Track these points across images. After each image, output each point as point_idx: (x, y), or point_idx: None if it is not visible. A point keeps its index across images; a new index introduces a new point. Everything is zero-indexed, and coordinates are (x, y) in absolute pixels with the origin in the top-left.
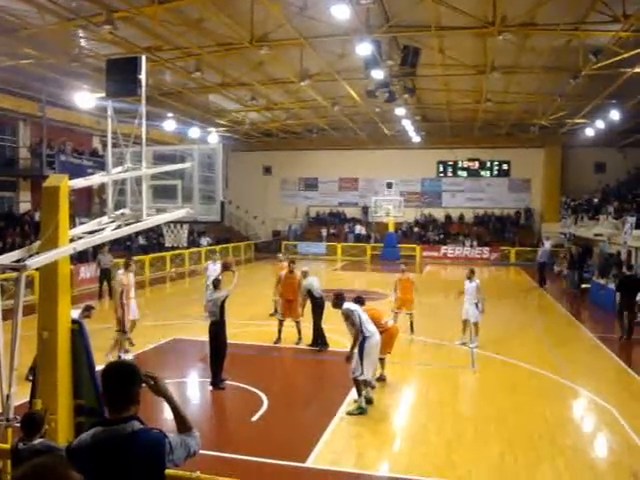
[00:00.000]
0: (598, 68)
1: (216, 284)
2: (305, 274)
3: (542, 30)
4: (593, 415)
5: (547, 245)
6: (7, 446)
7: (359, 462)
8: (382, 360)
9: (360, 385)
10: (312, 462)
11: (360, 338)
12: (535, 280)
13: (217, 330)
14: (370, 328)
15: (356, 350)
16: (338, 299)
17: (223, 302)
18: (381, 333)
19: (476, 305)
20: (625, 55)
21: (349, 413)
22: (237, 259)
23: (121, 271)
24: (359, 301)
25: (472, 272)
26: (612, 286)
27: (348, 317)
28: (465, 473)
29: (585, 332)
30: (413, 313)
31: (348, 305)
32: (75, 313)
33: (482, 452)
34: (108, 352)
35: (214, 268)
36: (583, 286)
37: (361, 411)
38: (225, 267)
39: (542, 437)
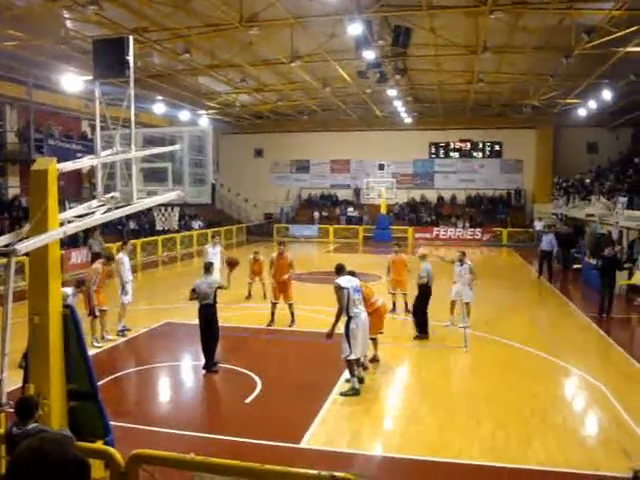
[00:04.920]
0: (590, 47)
1: (208, 267)
2: (424, 257)
3: (534, 9)
4: (584, 393)
5: (539, 224)
6: (1, 431)
7: (353, 442)
8: (374, 340)
9: (352, 366)
10: (306, 443)
11: (345, 317)
12: (531, 263)
13: (210, 313)
14: (356, 309)
15: (342, 331)
16: (336, 269)
17: (217, 288)
18: (370, 313)
19: (470, 286)
20: (618, 34)
21: (342, 394)
22: (229, 242)
23: (120, 255)
24: (353, 274)
25: (463, 254)
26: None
27: (336, 292)
28: (458, 452)
29: (576, 311)
30: (407, 293)
31: (340, 281)
32: (69, 290)
33: (474, 430)
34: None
35: (213, 252)
36: (575, 266)
37: (354, 392)
38: (230, 265)
39: (533, 415)
